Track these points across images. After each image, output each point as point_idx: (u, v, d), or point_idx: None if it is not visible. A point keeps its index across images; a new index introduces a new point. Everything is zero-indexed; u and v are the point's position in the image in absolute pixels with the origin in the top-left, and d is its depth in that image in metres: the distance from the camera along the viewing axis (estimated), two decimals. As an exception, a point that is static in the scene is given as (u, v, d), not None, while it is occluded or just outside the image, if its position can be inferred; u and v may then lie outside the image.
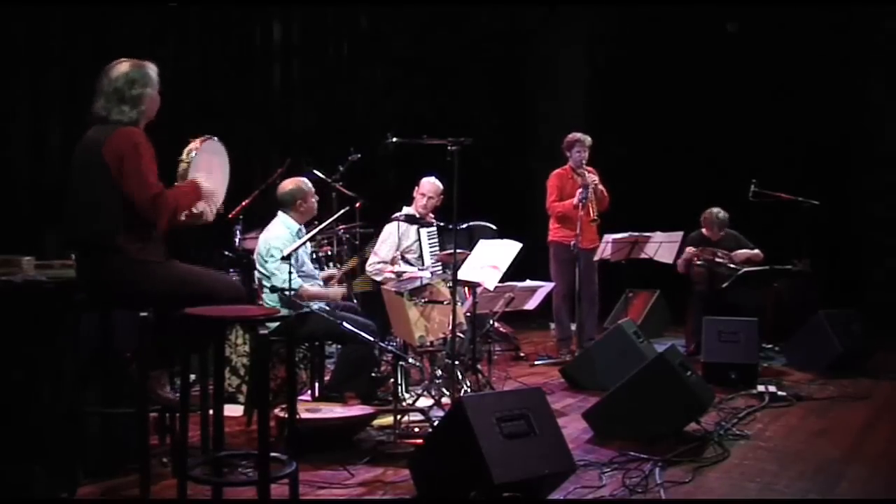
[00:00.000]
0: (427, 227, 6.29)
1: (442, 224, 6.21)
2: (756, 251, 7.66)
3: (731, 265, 7.55)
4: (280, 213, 5.41)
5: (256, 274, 5.35)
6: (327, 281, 5.55)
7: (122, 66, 3.72)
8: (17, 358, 3.63)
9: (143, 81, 3.71)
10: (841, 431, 5.13)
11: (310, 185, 5.51)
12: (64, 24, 6.19)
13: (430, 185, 6.32)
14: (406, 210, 6.35)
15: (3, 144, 5.93)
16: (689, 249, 7.62)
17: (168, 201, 3.63)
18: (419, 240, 6.31)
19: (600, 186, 7.13)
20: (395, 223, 6.20)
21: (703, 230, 7.81)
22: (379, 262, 6.17)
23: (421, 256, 6.31)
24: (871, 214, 9.55)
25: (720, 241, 7.74)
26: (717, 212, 7.73)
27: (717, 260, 7.60)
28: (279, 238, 5.20)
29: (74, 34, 6.24)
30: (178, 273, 3.71)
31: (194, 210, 3.87)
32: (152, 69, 3.78)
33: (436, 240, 6.40)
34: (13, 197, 5.95)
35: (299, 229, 5.35)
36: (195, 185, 3.79)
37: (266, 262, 5.17)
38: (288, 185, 5.46)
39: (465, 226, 6.22)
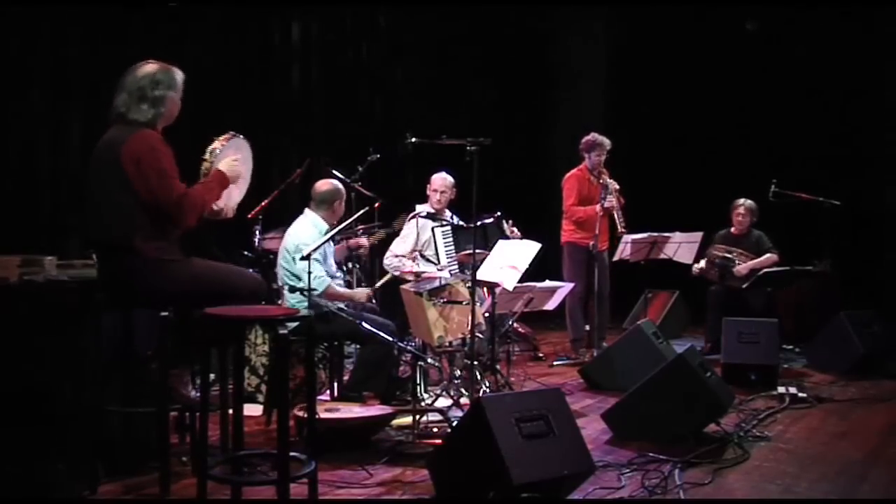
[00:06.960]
0: (441, 225, 6.27)
1: (455, 223, 6.19)
2: (768, 256, 7.56)
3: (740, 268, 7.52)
4: (308, 212, 5.38)
5: (280, 272, 5.31)
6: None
7: (149, 67, 3.76)
8: (39, 356, 3.66)
9: (168, 84, 3.75)
10: (862, 433, 5.09)
11: (344, 190, 5.52)
12: (85, 23, 6.23)
13: (440, 180, 6.31)
14: (419, 207, 6.33)
15: (26, 145, 5.98)
16: (711, 252, 7.59)
17: (195, 200, 3.65)
18: (433, 238, 6.29)
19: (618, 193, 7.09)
20: (414, 220, 6.20)
21: (732, 229, 7.77)
22: (396, 258, 6.18)
23: (437, 255, 6.29)
24: (892, 214, 9.45)
25: (743, 241, 7.70)
26: (745, 200, 7.72)
27: (728, 256, 7.55)
28: (310, 237, 5.13)
29: (95, 33, 6.27)
30: (197, 270, 3.73)
31: (213, 206, 3.90)
32: (178, 74, 3.82)
33: (450, 238, 6.36)
34: (35, 196, 5.99)
35: (327, 230, 5.27)
36: (219, 174, 3.80)
37: (295, 260, 5.07)
38: (326, 184, 5.45)
39: (478, 223, 6.20)
